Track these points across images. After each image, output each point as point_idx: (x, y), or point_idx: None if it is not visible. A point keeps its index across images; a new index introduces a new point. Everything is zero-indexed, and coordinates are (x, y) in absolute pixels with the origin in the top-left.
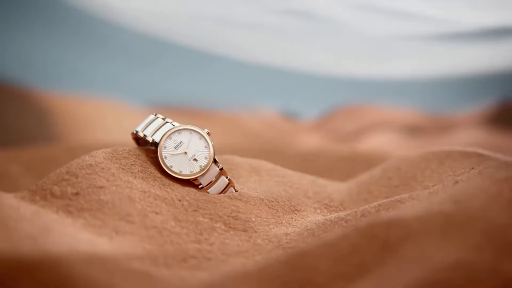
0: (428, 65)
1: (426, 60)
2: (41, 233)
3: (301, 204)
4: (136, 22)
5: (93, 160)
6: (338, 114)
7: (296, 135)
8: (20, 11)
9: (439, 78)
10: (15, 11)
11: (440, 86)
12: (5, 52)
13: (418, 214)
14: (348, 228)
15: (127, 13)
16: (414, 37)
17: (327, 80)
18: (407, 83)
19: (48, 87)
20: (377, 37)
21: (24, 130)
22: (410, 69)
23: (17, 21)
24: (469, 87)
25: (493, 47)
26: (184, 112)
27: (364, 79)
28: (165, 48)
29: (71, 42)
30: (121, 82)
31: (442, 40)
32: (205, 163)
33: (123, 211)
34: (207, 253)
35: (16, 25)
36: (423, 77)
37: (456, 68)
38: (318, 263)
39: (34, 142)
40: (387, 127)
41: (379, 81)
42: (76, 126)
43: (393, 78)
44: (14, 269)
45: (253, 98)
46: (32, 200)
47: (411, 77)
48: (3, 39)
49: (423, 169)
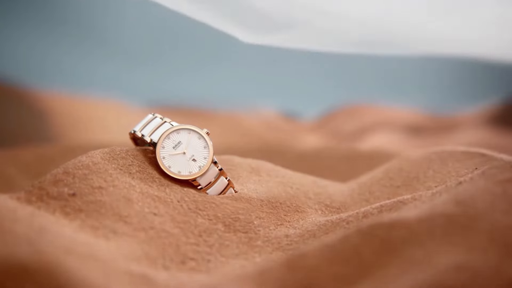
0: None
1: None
2: (37, 234)
3: (301, 205)
4: (136, 19)
5: (90, 161)
6: (339, 113)
7: (297, 135)
8: (16, 8)
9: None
10: (11, 8)
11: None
12: (1, 51)
13: (420, 215)
14: (349, 229)
15: (127, 10)
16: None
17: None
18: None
19: (45, 86)
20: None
21: (21, 130)
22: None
23: (14, 19)
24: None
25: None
26: (183, 111)
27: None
28: (166, 48)
29: (69, 40)
30: (120, 81)
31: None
32: (204, 163)
33: (121, 212)
34: (206, 255)
35: (13, 23)
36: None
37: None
38: (319, 265)
39: (31, 142)
40: (389, 127)
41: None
42: (73, 126)
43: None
44: (10, 271)
45: (253, 97)
46: (28, 200)
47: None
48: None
49: (426, 169)
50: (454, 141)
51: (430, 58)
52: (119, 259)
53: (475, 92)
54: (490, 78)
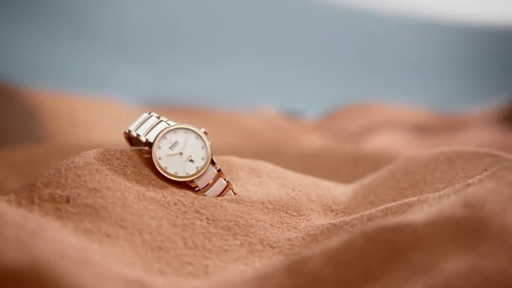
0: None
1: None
2: (28, 238)
3: (303, 207)
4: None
5: (83, 161)
6: (342, 112)
7: (298, 135)
8: (8, 3)
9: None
10: (2, 3)
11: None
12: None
13: (428, 218)
14: (353, 233)
15: (125, 3)
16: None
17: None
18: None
19: (37, 84)
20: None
21: (11, 129)
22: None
23: (5, 14)
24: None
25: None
26: (180, 110)
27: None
28: (162, 43)
29: (63, 36)
30: (115, 78)
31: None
32: (202, 164)
33: (115, 215)
34: (204, 260)
35: (4, 19)
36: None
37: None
38: (321, 270)
39: (22, 141)
40: (394, 126)
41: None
42: (65, 125)
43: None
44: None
45: (253, 96)
46: (19, 203)
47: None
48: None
49: (433, 170)
50: (462, 141)
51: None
52: (113, 264)
53: (484, 89)
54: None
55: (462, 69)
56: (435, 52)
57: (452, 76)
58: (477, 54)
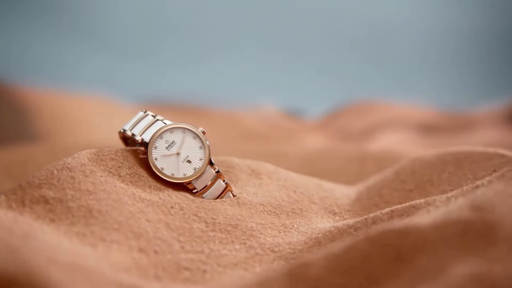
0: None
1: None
2: (19, 242)
3: (305, 210)
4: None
5: (76, 162)
6: (346, 111)
7: (300, 134)
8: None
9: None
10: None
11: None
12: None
13: (434, 221)
14: (357, 236)
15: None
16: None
17: None
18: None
19: (27, 81)
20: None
21: (1, 129)
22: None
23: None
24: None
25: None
26: (177, 108)
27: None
28: (158, 39)
29: (54, 31)
30: (110, 76)
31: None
32: (200, 165)
33: (110, 218)
34: (202, 265)
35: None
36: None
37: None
38: (324, 275)
39: (12, 142)
40: (400, 125)
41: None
42: (58, 125)
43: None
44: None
45: (253, 94)
46: (9, 206)
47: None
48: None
49: (440, 171)
50: (470, 141)
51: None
52: (108, 269)
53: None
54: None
55: (469, 66)
56: (442, 50)
57: (459, 74)
58: (485, 51)
